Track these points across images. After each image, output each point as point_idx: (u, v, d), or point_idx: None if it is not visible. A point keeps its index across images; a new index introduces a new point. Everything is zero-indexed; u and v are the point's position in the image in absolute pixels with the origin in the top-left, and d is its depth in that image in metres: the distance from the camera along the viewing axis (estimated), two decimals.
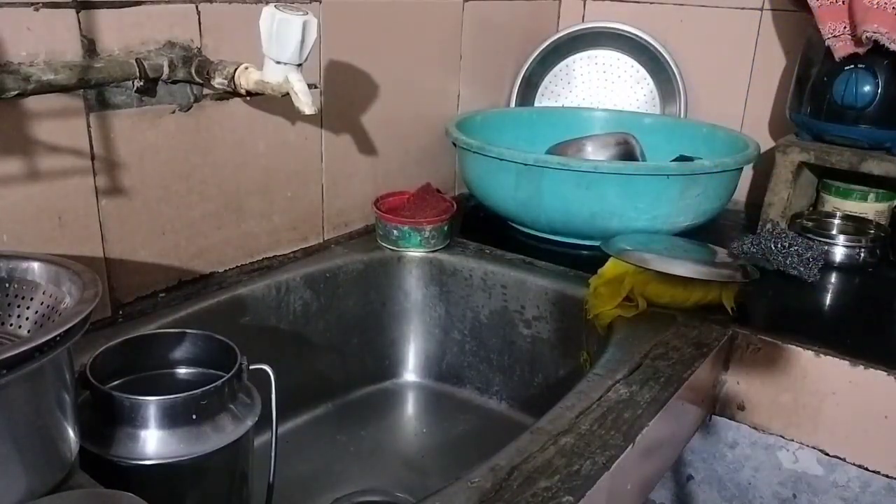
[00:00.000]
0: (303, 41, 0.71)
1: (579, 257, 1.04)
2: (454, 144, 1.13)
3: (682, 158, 1.13)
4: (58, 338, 0.45)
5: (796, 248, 1.00)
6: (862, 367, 0.78)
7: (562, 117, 1.34)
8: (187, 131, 0.83)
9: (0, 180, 0.68)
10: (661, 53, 1.31)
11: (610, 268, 0.89)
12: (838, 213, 1.12)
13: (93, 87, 0.72)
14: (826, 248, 1.02)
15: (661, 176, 1.00)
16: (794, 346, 0.82)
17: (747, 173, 1.27)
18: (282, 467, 0.70)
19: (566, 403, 0.68)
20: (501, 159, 1.04)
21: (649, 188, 1.00)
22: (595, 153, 1.12)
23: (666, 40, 1.32)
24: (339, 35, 0.97)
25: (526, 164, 1.02)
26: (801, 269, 0.98)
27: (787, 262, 0.99)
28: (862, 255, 1.04)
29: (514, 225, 1.15)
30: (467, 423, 1.03)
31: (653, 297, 0.87)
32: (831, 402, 0.81)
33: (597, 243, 0.95)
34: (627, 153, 1.13)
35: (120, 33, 0.74)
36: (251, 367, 0.64)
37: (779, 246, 1.00)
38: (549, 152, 1.16)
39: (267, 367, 0.65)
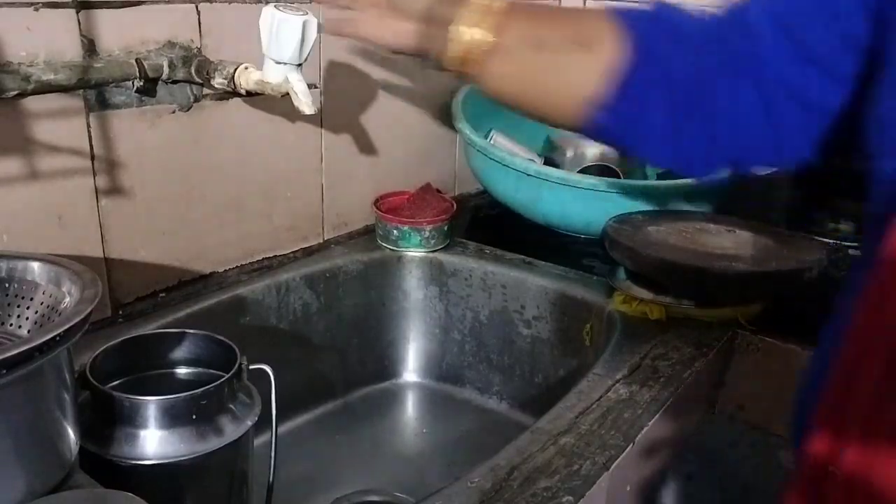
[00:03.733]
0: (303, 41, 0.71)
1: (586, 244, 1.06)
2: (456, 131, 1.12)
3: None
4: (58, 338, 0.45)
5: None
6: None
7: None
8: (187, 131, 0.83)
9: (0, 180, 0.68)
10: None
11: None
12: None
13: (93, 87, 0.72)
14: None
15: (652, 194, 1.02)
16: (794, 346, 0.82)
17: None
18: (282, 467, 0.70)
19: (566, 403, 0.68)
20: (503, 164, 1.04)
21: (645, 203, 1.01)
22: (593, 157, 1.13)
23: None
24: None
25: (527, 174, 1.03)
26: None
27: None
28: None
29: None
30: (467, 423, 1.03)
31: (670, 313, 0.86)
32: None
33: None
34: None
35: (120, 33, 0.74)
36: (251, 367, 0.64)
37: None
38: (549, 140, 1.16)
39: (267, 367, 0.65)
